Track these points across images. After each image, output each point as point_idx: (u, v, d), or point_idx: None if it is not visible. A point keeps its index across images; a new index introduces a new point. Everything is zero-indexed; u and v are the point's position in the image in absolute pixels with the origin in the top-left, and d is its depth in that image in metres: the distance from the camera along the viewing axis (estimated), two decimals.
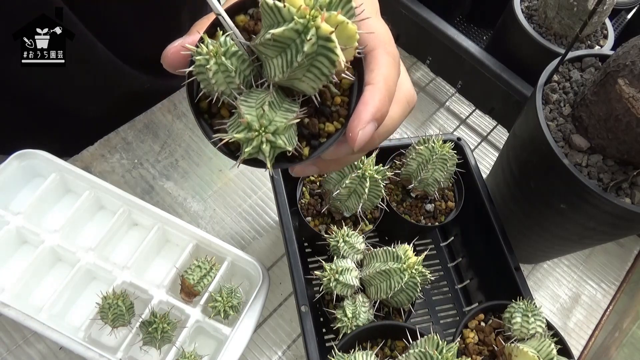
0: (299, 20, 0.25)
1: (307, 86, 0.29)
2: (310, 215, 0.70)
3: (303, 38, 0.25)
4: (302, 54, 0.25)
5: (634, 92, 0.52)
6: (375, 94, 0.31)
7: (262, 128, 0.27)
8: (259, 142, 0.28)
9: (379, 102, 0.31)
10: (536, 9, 1.01)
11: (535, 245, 0.76)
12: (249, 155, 0.28)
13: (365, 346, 0.58)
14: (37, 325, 0.61)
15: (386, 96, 0.31)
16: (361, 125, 0.30)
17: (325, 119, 0.32)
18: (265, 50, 0.27)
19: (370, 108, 0.30)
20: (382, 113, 0.31)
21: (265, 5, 0.26)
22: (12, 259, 0.69)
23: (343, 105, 0.32)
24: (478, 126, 0.99)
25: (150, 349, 0.65)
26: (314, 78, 0.28)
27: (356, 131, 0.30)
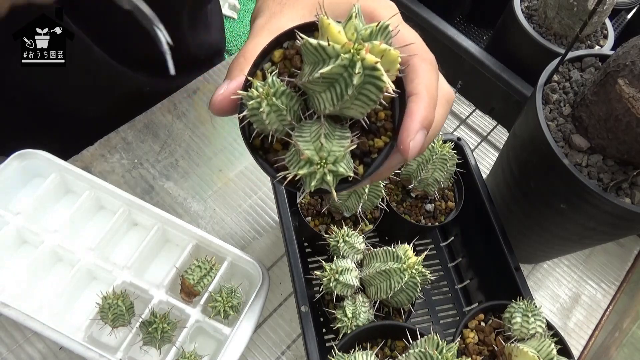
0: (345, 56, 0.26)
1: (355, 112, 0.30)
2: (310, 215, 0.70)
3: (351, 72, 0.26)
4: (352, 87, 0.26)
5: (634, 92, 0.52)
6: (420, 103, 0.32)
7: (322, 160, 0.29)
8: (321, 174, 0.29)
9: (425, 111, 0.32)
10: (536, 9, 1.01)
11: (535, 245, 0.76)
12: (314, 188, 0.30)
13: (365, 346, 0.58)
14: (37, 325, 0.61)
15: (430, 104, 0.32)
16: (411, 136, 0.31)
17: (373, 136, 0.33)
18: (313, 87, 0.28)
19: (417, 117, 0.31)
20: (429, 120, 0.32)
21: (309, 46, 0.27)
22: (12, 259, 0.69)
23: (387, 119, 0.33)
24: (478, 126, 0.99)
25: (150, 349, 0.65)
26: (362, 105, 0.29)
27: (407, 142, 0.31)
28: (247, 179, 0.84)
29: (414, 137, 0.31)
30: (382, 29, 0.28)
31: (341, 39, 0.26)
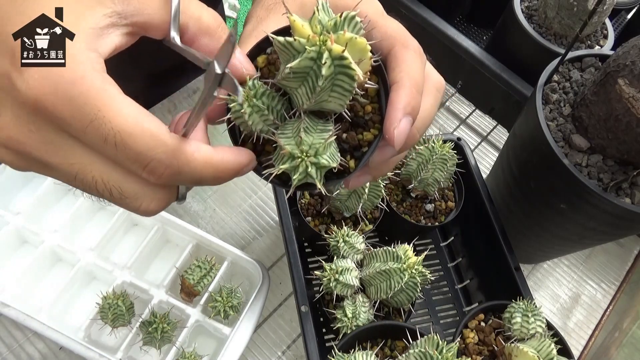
0: (310, 48, 0.26)
1: (334, 105, 0.30)
2: (310, 215, 0.70)
3: (319, 63, 0.26)
4: (322, 79, 0.26)
5: (634, 92, 0.52)
6: (401, 90, 0.31)
7: (303, 154, 0.29)
8: (304, 167, 0.29)
9: (407, 97, 0.31)
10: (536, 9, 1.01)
11: (535, 245, 0.76)
12: (299, 182, 0.30)
13: (365, 346, 0.58)
14: (37, 325, 0.61)
15: (413, 89, 0.31)
16: (394, 124, 0.30)
17: (361, 129, 0.32)
18: (288, 83, 0.29)
19: (399, 105, 0.30)
20: (412, 106, 0.31)
21: (278, 44, 0.27)
22: (12, 259, 0.69)
23: (375, 111, 0.33)
24: (478, 126, 0.99)
25: (150, 349, 0.65)
26: (338, 96, 0.29)
27: (391, 130, 0.30)
28: (247, 179, 0.84)
29: (397, 125, 0.30)
30: (347, 20, 0.28)
31: (305, 32, 0.27)
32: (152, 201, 0.29)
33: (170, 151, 0.26)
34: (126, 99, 0.26)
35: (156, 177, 0.27)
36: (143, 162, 0.26)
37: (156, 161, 0.26)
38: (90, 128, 0.25)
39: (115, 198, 0.28)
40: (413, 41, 0.33)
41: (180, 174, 0.27)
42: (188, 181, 0.29)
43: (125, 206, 0.28)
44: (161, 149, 0.26)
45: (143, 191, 0.28)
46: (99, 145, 0.25)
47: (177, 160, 0.27)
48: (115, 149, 0.25)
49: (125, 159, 0.26)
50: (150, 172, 0.27)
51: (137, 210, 0.29)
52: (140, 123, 0.25)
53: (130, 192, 0.28)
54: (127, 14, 0.27)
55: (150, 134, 0.26)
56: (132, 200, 0.28)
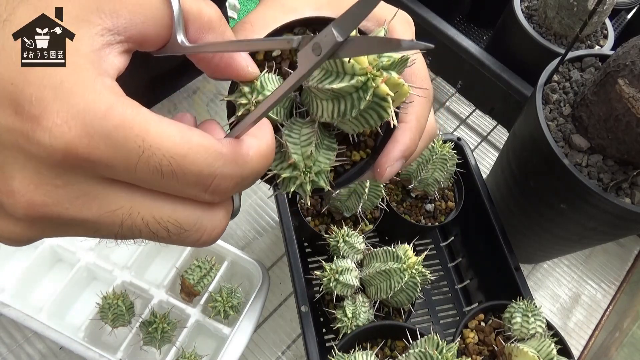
0: (360, 78, 0.25)
1: (349, 129, 0.30)
2: (310, 215, 0.70)
3: (361, 95, 0.26)
4: (357, 110, 0.26)
5: (634, 92, 0.52)
6: (407, 133, 0.32)
7: (307, 169, 0.29)
8: (301, 181, 0.29)
9: (410, 141, 0.31)
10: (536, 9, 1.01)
11: (535, 245, 0.76)
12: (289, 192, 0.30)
13: (365, 346, 0.58)
14: (37, 325, 0.61)
15: (417, 135, 0.32)
16: (390, 163, 0.31)
17: (352, 148, 0.33)
18: (318, 93, 0.28)
19: (401, 146, 0.31)
20: (410, 151, 0.32)
21: None
22: (12, 259, 0.69)
23: (371, 135, 0.33)
24: (478, 126, 0.99)
25: (150, 349, 0.65)
26: (359, 125, 0.29)
27: (384, 167, 0.31)
28: None
29: (392, 164, 0.31)
30: (402, 62, 0.28)
31: (364, 61, 0.25)
32: (214, 227, 0.25)
33: (230, 161, 0.23)
34: (161, 118, 0.22)
35: (221, 194, 0.23)
36: (206, 182, 0.22)
37: (219, 177, 0.22)
38: (141, 164, 0.21)
39: (172, 235, 0.23)
40: (429, 85, 0.34)
41: (244, 180, 0.24)
42: (249, 184, 0.25)
43: (184, 241, 0.24)
44: (221, 162, 0.22)
45: (202, 217, 0.24)
46: (152, 179, 0.21)
47: (238, 167, 0.23)
48: (174, 179, 0.21)
49: (184, 186, 0.22)
50: (215, 191, 0.23)
51: (198, 241, 0.25)
52: (189, 140, 0.22)
53: (190, 222, 0.24)
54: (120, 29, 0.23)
55: (204, 149, 0.22)
56: (192, 233, 0.24)
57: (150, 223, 0.23)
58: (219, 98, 0.91)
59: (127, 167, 0.21)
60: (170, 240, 0.24)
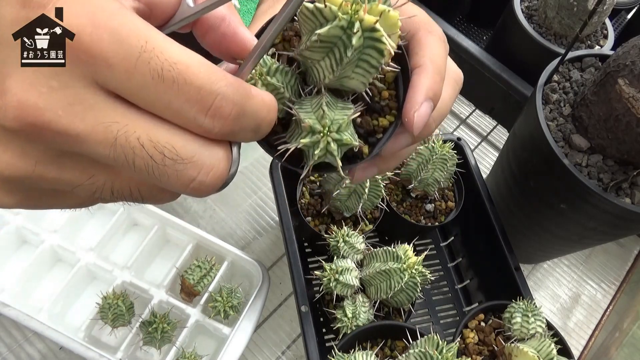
0: (342, 16, 0.25)
1: (356, 82, 0.28)
2: (310, 215, 0.70)
3: (349, 33, 0.25)
4: (351, 49, 0.25)
5: (634, 92, 0.52)
6: (423, 74, 0.30)
7: (325, 129, 0.27)
8: (325, 143, 0.27)
9: (429, 81, 0.29)
10: (536, 9, 1.01)
11: (535, 245, 0.76)
12: (319, 159, 0.28)
13: (365, 346, 0.58)
14: (37, 325, 0.61)
15: (436, 74, 0.30)
16: (415, 107, 0.29)
17: (377, 115, 0.31)
18: (311, 55, 0.27)
19: (422, 88, 0.29)
20: (434, 92, 0.30)
21: (305, 10, 0.26)
22: (12, 259, 0.69)
23: (391, 98, 0.32)
24: (478, 126, 0.99)
25: (150, 349, 0.65)
26: (363, 73, 0.28)
27: (411, 114, 0.29)
28: (247, 179, 0.84)
29: (418, 109, 0.29)
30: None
31: (337, 1, 0.25)
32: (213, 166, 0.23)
33: (233, 84, 0.21)
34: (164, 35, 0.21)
35: (222, 119, 0.22)
36: (207, 99, 0.21)
37: (221, 96, 0.21)
38: (140, 63, 0.19)
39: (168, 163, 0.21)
40: (437, 28, 0.32)
41: (245, 114, 0.22)
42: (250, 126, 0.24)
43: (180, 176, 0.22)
44: (224, 82, 0.21)
45: (201, 151, 0.22)
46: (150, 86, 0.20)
47: (240, 95, 0.22)
48: (172, 87, 0.20)
49: (184, 102, 0.21)
50: (215, 114, 0.21)
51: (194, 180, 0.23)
52: (195, 57, 0.21)
53: (188, 151, 0.22)
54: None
55: (208, 66, 0.21)
56: (189, 166, 0.22)
57: (146, 144, 0.21)
58: None
59: (127, 68, 0.20)
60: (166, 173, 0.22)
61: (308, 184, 0.72)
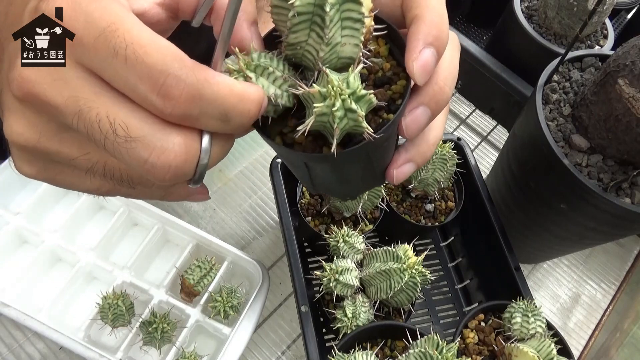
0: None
1: (350, 48, 0.27)
2: (310, 215, 0.70)
3: None
4: (328, 4, 0.25)
5: (634, 92, 0.52)
6: (420, 22, 0.27)
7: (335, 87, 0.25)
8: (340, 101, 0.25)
9: (427, 27, 0.27)
10: (536, 9, 1.01)
11: (535, 245, 0.76)
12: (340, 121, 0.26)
13: (365, 346, 0.58)
14: (37, 325, 0.61)
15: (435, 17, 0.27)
16: (414, 55, 0.27)
17: (388, 85, 0.30)
18: (297, 38, 0.26)
19: (419, 35, 0.27)
20: (434, 36, 0.27)
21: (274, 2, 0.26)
22: (12, 259, 0.69)
23: (394, 67, 0.30)
24: (478, 126, 0.99)
25: (150, 349, 0.65)
26: (350, 32, 0.27)
27: (410, 63, 0.27)
28: (247, 179, 0.84)
29: (417, 57, 0.27)
30: None
31: None
32: (164, 149, 0.23)
33: (189, 67, 0.23)
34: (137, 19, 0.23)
35: (173, 101, 0.22)
36: (157, 78, 0.22)
37: (172, 77, 0.22)
38: (101, 39, 0.22)
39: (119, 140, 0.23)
40: None
41: (202, 98, 0.23)
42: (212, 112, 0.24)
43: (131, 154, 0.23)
44: (178, 64, 0.22)
45: (153, 133, 0.23)
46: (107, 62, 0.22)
47: (196, 77, 0.23)
48: (125, 64, 0.22)
49: (136, 78, 0.22)
50: (166, 94, 0.22)
51: (146, 162, 0.23)
52: (157, 41, 0.22)
53: (139, 132, 0.23)
54: None
55: (166, 50, 0.22)
56: (139, 145, 0.23)
57: (102, 121, 0.23)
58: None
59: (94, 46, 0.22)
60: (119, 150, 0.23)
61: None
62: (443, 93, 0.29)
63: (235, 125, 0.25)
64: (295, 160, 0.33)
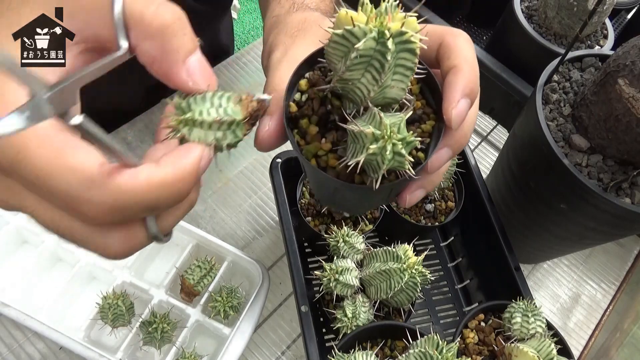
0: (373, 28, 0.26)
1: (396, 90, 0.30)
2: (310, 215, 0.70)
3: (383, 41, 0.27)
4: (389, 53, 0.27)
5: (634, 92, 0.52)
6: (459, 74, 0.31)
7: (387, 131, 0.28)
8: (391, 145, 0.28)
9: (465, 80, 0.30)
10: (536, 9, 1.01)
11: (535, 245, 0.76)
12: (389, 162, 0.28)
13: (365, 346, 0.58)
14: (37, 325, 0.61)
15: (471, 72, 0.31)
16: (453, 104, 0.30)
17: (418, 124, 0.33)
18: (352, 75, 0.29)
19: (459, 86, 0.30)
20: (470, 89, 0.31)
21: (335, 37, 0.28)
22: (12, 259, 0.69)
23: (424, 106, 0.33)
24: (478, 126, 0.99)
25: (150, 349, 0.65)
26: (401, 77, 0.29)
27: (449, 111, 0.30)
28: (247, 179, 0.84)
29: (456, 106, 0.30)
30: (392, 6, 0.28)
31: (363, 18, 0.27)
32: (108, 246, 0.25)
33: (98, 184, 0.22)
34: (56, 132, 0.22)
35: (93, 218, 0.23)
36: (71, 205, 0.22)
37: (84, 201, 0.22)
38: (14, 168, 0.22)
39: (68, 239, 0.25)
40: (461, 31, 0.33)
41: (120, 207, 0.23)
42: (138, 212, 0.24)
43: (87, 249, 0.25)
44: (85, 186, 0.22)
45: (94, 233, 0.24)
46: (28, 187, 0.23)
47: (108, 192, 0.22)
48: (42, 192, 0.23)
49: (56, 202, 0.23)
50: (85, 215, 0.23)
51: (103, 255, 0.25)
52: (61, 164, 0.22)
53: (80, 236, 0.24)
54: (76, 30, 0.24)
55: (71, 174, 0.22)
56: (86, 244, 0.25)
57: (50, 227, 0.24)
58: None
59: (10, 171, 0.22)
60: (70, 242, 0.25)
61: (308, 184, 0.72)
62: (465, 138, 0.34)
63: (171, 206, 0.25)
64: (326, 183, 0.34)
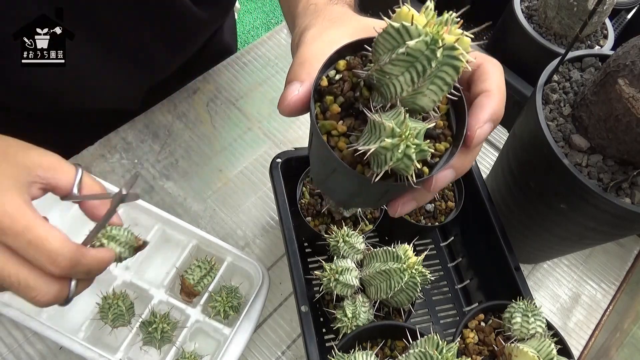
0: (429, 32, 0.27)
1: (427, 100, 0.30)
2: (310, 215, 0.70)
3: (433, 48, 0.27)
4: (435, 60, 0.27)
5: (634, 92, 0.52)
6: (491, 98, 0.34)
7: (406, 131, 0.28)
8: (405, 146, 0.28)
9: (495, 105, 0.34)
10: (536, 9, 1.01)
11: (535, 245, 0.76)
12: (395, 162, 0.29)
13: (365, 346, 0.58)
14: (37, 325, 0.61)
15: (501, 101, 0.34)
16: (479, 124, 0.33)
17: (434, 141, 0.34)
18: (392, 69, 0.29)
19: (489, 109, 0.33)
20: (497, 116, 0.34)
21: (390, 29, 0.28)
22: None
23: (445, 127, 0.35)
24: None
25: (150, 349, 0.65)
26: (436, 90, 0.30)
27: (474, 129, 0.32)
28: (247, 179, 0.84)
29: (482, 126, 0.32)
30: (451, 20, 0.29)
31: (422, 20, 0.28)
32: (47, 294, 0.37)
33: (72, 249, 0.37)
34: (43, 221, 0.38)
35: (59, 268, 0.36)
36: (53, 257, 0.36)
37: (62, 256, 0.36)
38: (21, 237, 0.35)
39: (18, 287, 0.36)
40: (497, 62, 0.37)
41: (77, 265, 0.37)
42: (81, 271, 0.38)
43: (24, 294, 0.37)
44: (67, 248, 0.37)
45: (42, 282, 0.37)
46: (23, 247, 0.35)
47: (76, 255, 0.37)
48: (35, 249, 0.36)
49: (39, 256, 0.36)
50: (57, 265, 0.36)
51: (32, 299, 0.37)
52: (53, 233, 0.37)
53: (32, 283, 0.36)
54: (44, 177, 0.42)
55: (58, 240, 0.36)
56: (30, 290, 0.36)
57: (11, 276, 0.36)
58: (219, 98, 0.91)
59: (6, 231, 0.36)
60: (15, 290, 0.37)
61: (308, 184, 0.72)
62: (470, 164, 0.36)
63: (92, 276, 0.41)
64: (328, 161, 0.35)
